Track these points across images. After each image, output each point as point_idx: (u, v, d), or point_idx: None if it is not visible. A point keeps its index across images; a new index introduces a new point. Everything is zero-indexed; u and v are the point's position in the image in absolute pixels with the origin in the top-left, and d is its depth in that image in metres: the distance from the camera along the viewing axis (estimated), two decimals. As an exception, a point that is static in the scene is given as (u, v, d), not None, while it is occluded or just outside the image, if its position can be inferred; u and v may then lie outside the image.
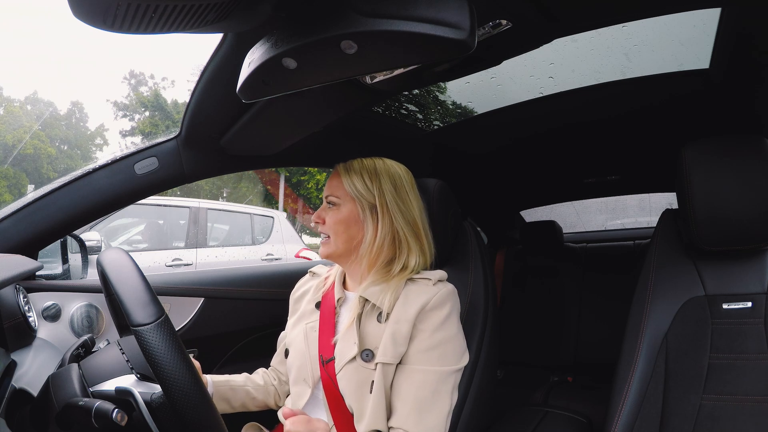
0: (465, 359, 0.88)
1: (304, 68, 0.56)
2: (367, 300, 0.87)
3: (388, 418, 0.82)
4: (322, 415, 0.87)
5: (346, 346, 0.85)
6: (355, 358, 0.82)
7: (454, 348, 0.85)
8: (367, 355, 0.83)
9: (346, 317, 0.89)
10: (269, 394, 1.01)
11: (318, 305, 0.95)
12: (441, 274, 0.91)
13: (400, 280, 0.88)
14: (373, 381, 0.81)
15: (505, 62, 0.75)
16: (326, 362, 0.86)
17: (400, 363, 0.83)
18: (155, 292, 0.61)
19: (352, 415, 0.83)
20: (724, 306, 0.92)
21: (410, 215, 0.91)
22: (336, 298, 0.92)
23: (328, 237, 0.91)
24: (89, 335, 0.81)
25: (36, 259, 1.03)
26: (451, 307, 0.86)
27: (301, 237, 5.96)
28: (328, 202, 0.92)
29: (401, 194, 0.91)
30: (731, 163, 0.90)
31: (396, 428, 0.80)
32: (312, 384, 0.88)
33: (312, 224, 0.93)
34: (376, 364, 0.82)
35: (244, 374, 1.01)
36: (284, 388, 1.02)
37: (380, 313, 0.86)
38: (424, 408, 0.81)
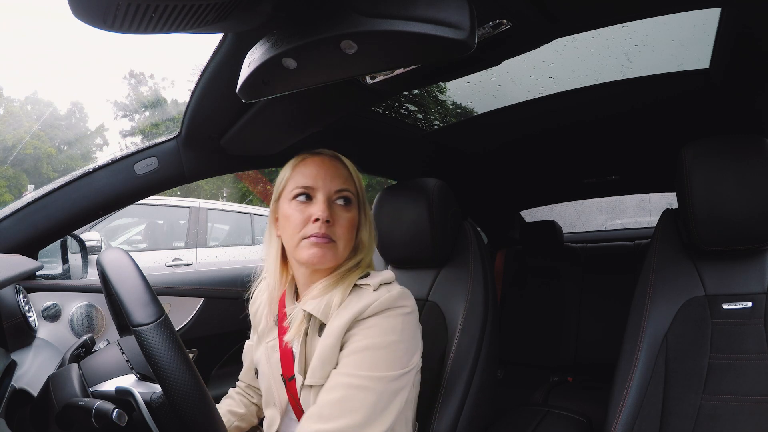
0: (408, 367, 0.73)
1: (304, 68, 0.56)
2: (311, 317, 0.77)
3: None
4: None
5: (297, 370, 0.77)
6: (307, 387, 0.75)
7: (391, 354, 0.71)
8: None
9: (295, 335, 0.78)
10: (253, 415, 0.98)
11: (276, 320, 0.85)
12: (384, 276, 0.78)
13: (346, 287, 0.75)
14: None
15: (505, 62, 0.75)
16: (289, 380, 0.79)
17: None
18: (155, 292, 0.61)
19: None
20: (724, 306, 0.92)
21: (371, 212, 0.84)
22: (288, 314, 0.82)
23: (332, 241, 0.75)
24: (89, 335, 0.81)
25: (36, 259, 1.03)
26: (394, 313, 0.73)
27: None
28: (343, 198, 0.76)
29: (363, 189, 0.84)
30: (731, 163, 0.90)
31: None
32: (281, 409, 0.81)
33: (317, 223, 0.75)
34: (302, 386, 0.74)
35: (226, 406, 0.95)
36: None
37: (322, 327, 0.75)
38: (323, 413, 0.68)
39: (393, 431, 0.77)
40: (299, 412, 0.77)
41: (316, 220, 0.74)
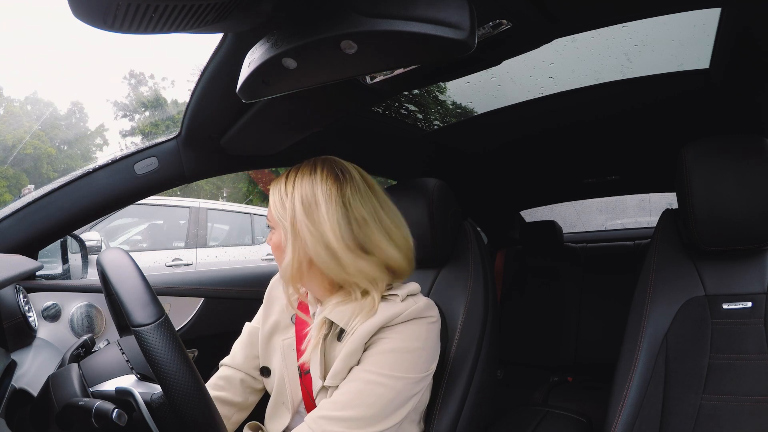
0: (426, 373, 0.78)
1: (304, 68, 0.56)
2: (333, 322, 0.78)
3: None
4: None
5: (315, 370, 0.79)
6: (324, 387, 0.77)
7: (414, 359, 0.75)
8: None
9: (314, 337, 0.80)
10: (252, 404, 0.96)
11: (293, 319, 0.88)
12: (411, 288, 0.82)
13: (372, 301, 0.76)
14: None
15: (505, 62, 0.75)
16: (305, 373, 0.82)
17: None
18: (155, 292, 0.61)
19: None
20: (724, 306, 0.92)
21: (322, 238, 0.74)
22: (311, 313, 0.86)
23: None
24: (89, 335, 0.81)
25: (36, 259, 1.03)
26: (422, 323, 0.77)
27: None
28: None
29: (310, 213, 0.75)
30: (731, 163, 0.90)
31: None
32: (292, 408, 0.83)
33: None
34: (321, 387, 0.77)
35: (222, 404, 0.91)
36: (258, 385, 0.96)
37: (342, 332, 0.78)
38: (338, 402, 0.71)
39: (403, 430, 0.80)
40: (310, 408, 0.79)
41: None
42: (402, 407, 0.74)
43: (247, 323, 0.98)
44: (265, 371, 0.90)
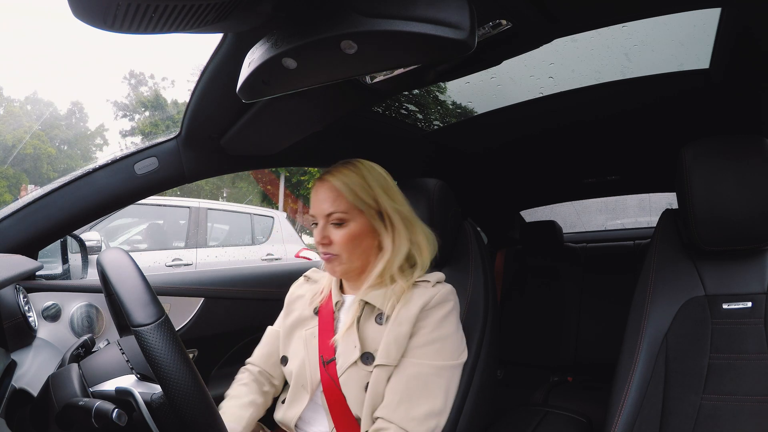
0: (463, 357, 0.88)
1: (304, 68, 0.56)
2: (367, 303, 0.86)
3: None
4: (323, 420, 0.86)
5: (347, 349, 0.84)
6: (356, 362, 0.83)
7: (452, 344, 0.85)
8: (367, 358, 0.83)
9: (344, 321, 0.88)
10: (268, 403, 0.99)
11: (316, 311, 0.94)
12: (439, 275, 0.91)
13: (405, 284, 0.86)
14: (368, 383, 0.81)
15: (505, 62, 0.75)
16: (327, 363, 0.85)
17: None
18: (155, 292, 0.61)
19: (353, 418, 0.82)
20: (724, 306, 0.92)
21: (404, 213, 0.89)
22: (334, 302, 0.91)
23: (337, 256, 0.86)
24: (89, 335, 0.81)
25: (36, 259, 1.03)
26: (452, 305, 0.86)
27: (301, 237, 5.95)
28: (334, 222, 0.86)
29: (392, 194, 0.88)
30: (731, 163, 0.90)
31: (379, 418, 0.79)
32: (311, 389, 0.87)
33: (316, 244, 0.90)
34: (375, 366, 0.82)
35: (245, 397, 0.94)
36: (276, 377, 1.00)
37: (379, 315, 0.85)
38: (412, 399, 0.79)
39: None
40: (330, 393, 0.84)
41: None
42: (453, 393, 0.84)
43: (269, 327, 1.03)
44: (284, 360, 0.94)
